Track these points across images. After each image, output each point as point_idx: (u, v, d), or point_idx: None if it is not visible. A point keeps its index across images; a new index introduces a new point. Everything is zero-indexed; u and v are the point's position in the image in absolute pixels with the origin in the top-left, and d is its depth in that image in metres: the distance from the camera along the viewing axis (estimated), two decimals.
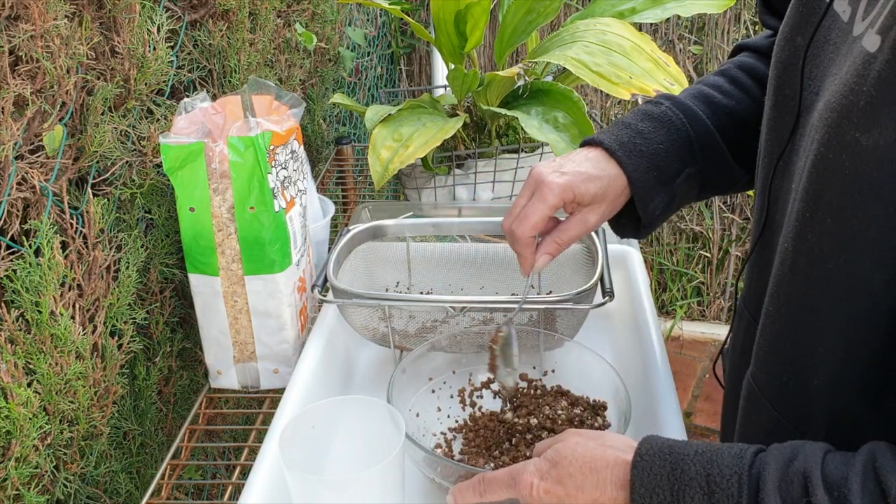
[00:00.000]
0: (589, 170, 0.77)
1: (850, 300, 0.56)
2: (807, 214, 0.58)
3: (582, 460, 0.63)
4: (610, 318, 1.07)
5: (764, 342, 0.66)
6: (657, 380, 0.88)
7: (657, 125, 0.79)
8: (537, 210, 0.76)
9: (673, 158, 0.78)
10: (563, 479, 0.63)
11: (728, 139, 0.81)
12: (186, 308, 1.09)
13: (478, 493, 0.69)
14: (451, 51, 1.35)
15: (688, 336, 2.65)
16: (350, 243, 1.05)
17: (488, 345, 0.84)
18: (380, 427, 0.77)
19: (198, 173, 0.91)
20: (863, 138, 0.52)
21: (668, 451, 0.59)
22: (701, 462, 0.57)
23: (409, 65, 2.66)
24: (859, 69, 0.54)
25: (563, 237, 0.79)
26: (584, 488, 0.62)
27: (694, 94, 0.82)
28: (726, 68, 0.86)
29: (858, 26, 0.57)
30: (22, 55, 0.80)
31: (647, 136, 0.78)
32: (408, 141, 1.23)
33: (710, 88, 0.83)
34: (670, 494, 0.57)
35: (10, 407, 0.76)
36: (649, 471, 0.59)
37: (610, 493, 0.61)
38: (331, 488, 0.72)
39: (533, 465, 0.65)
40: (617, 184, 0.77)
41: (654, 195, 0.79)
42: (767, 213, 0.70)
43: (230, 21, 1.18)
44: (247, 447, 0.97)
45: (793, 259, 0.61)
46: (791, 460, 0.55)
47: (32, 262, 0.79)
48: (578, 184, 0.76)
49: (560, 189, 0.76)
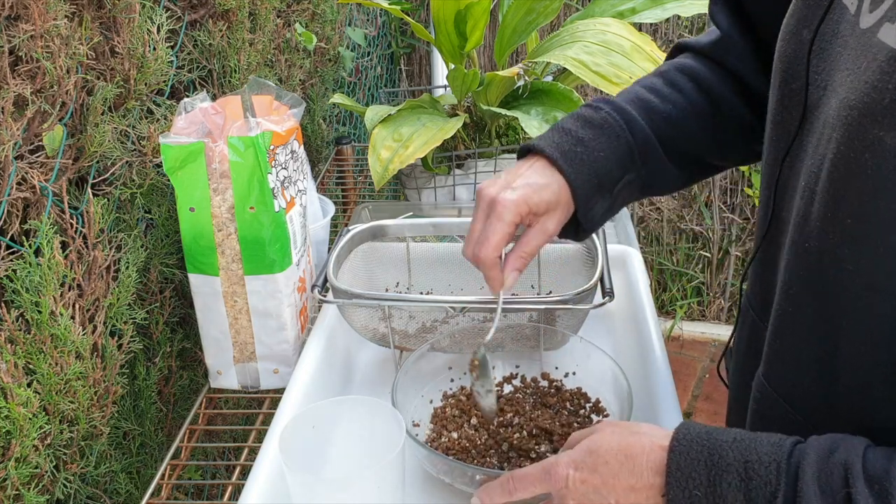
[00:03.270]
0: (538, 180, 0.77)
1: (871, 299, 0.55)
2: (827, 214, 0.58)
3: (617, 447, 0.62)
4: (610, 319, 1.07)
5: (777, 343, 0.65)
6: (657, 380, 0.88)
7: (598, 132, 0.79)
8: (496, 230, 0.76)
9: (613, 166, 0.79)
10: (598, 467, 0.62)
11: (665, 144, 0.81)
12: (186, 308, 1.09)
13: (507, 492, 0.68)
14: (451, 51, 1.35)
15: (688, 336, 2.65)
16: (350, 243, 1.05)
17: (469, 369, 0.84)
18: (380, 427, 0.77)
19: (198, 173, 0.91)
20: (887, 137, 0.51)
21: (706, 436, 0.59)
22: (739, 449, 0.57)
23: (409, 65, 2.66)
24: (883, 66, 0.52)
25: (526, 249, 0.79)
26: (620, 475, 0.61)
27: (632, 99, 0.82)
28: (665, 69, 0.85)
29: (866, 18, 0.56)
30: (22, 55, 0.80)
31: (587, 144, 0.78)
32: (408, 141, 1.23)
33: (648, 92, 0.83)
34: (707, 479, 0.57)
35: (10, 407, 0.76)
36: (686, 455, 0.58)
37: (647, 478, 0.60)
38: (331, 488, 0.72)
39: (567, 457, 0.65)
40: (565, 190, 0.78)
41: (595, 202, 0.80)
42: (774, 209, 0.70)
43: (230, 21, 1.18)
44: (247, 447, 0.97)
45: (806, 258, 0.60)
46: (831, 452, 0.54)
47: (32, 262, 0.79)
48: (531, 195, 0.76)
49: (515, 205, 0.76)
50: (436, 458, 0.78)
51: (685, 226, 2.70)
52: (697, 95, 0.82)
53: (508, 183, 0.78)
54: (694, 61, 0.85)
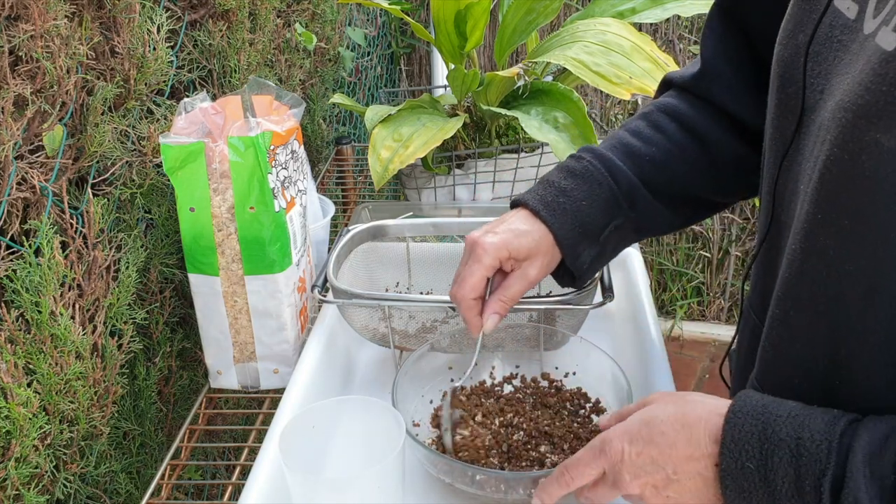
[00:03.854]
0: (519, 226, 0.80)
1: (872, 301, 0.55)
2: (819, 216, 0.57)
3: (673, 417, 0.62)
4: (610, 318, 1.07)
5: (770, 345, 0.65)
6: (657, 380, 0.88)
7: (579, 181, 0.81)
8: (474, 272, 0.79)
9: (597, 213, 0.81)
10: (654, 437, 0.62)
11: (651, 187, 0.82)
12: (186, 308, 1.09)
13: (565, 485, 0.67)
14: (451, 51, 1.35)
15: (688, 336, 2.65)
16: (350, 243, 1.05)
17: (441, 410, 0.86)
18: (380, 427, 0.77)
19: (198, 173, 0.91)
20: (884, 139, 0.51)
21: (762, 409, 0.58)
22: (793, 425, 0.56)
23: (409, 65, 2.66)
24: (876, 68, 0.53)
25: (506, 294, 0.81)
26: (677, 444, 0.60)
27: (614, 145, 0.84)
28: (648, 111, 0.86)
29: (869, 24, 0.56)
30: (22, 55, 0.80)
31: (569, 194, 0.81)
32: (408, 141, 1.23)
33: (631, 136, 0.84)
34: (759, 453, 0.56)
35: (10, 407, 0.76)
36: (741, 428, 0.58)
37: (705, 447, 0.59)
38: (331, 488, 0.72)
39: (620, 429, 0.64)
40: (547, 239, 0.80)
41: (582, 249, 0.82)
42: (773, 213, 0.70)
43: (230, 21, 1.18)
44: (247, 447, 0.97)
45: (802, 262, 0.60)
46: (888, 435, 0.54)
47: (32, 262, 0.79)
48: (511, 240, 0.79)
49: (493, 248, 0.79)
50: (436, 458, 0.78)
51: None
52: (682, 135, 0.83)
53: (492, 228, 0.81)
54: (678, 100, 0.85)
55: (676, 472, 0.60)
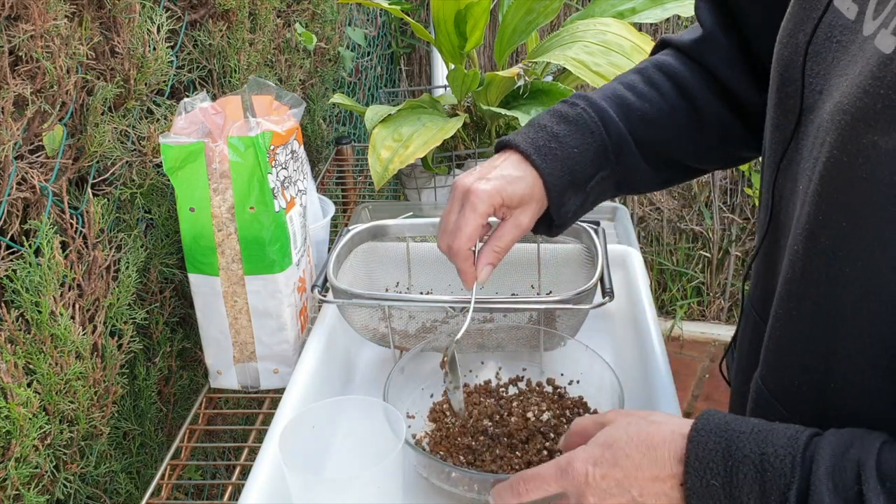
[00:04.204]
0: (512, 172, 0.77)
1: (868, 303, 0.55)
2: (819, 217, 0.58)
3: (637, 439, 0.62)
4: (610, 318, 1.07)
5: (773, 345, 0.65)
6: (657, 380, 0.88)
7: (572, 129, 0.79)
8: (469, 221, 0.76)
9: (587, 162, 0.79)
10: (619, 460, 0.61)
11: (640, 143, 0.81)
12: (186, 308, 1.09)
13: (517, 494, 0.67)
14: (451, 51, 1.35)
15: (688, 336, 2.65)
16: (350, 243, 1.05)
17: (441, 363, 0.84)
18: (380, 427, 0.77)
19: (198, 173, 0.91)
20: (881, 141, 0.52)
21: (725, 426, 0.59)
22: (756, 441, 0.57)
23: (409, 65, 2.66)
24: (874, 71, 0.53)
25: (500, 244, 0.79)
26: (643, 467, 0.61)
27: (609, 96, 0.82)
28: (644, 67, 0.85)
29: (869, 25, 0.56)
30: (22, 55, 0.80)
31: (562, 140, 0.78)
32: (408, 141, 1.23)
33: (625, 89, 0.82)
34: (724, 470, 0.57)
35: (10, 407, 0.76)
36: (705, 446, 0.58)
37: (670, 468, 0.60)
38: (331, 488, 0.72)
39: (584, 452, 0.63)
40: (538, 185, 0.78)
41: (568, 198, 0.80)
42: (772, 212, 0.70)
43: (230, 21, 1.18)
44: (247, 447, 0.97)
45: (804, 262, 0.60)
46: (848, 447, 0.54)
47: (32, 262, 0.79)
48: (505, 187, 0.77)
49: (488, 196, 0.76)
50: (433, 465, 0.77)
51: (685, 226, 2.70)
52: (676, 97, 0.82)
53: (483, 174, 0.78)
54: (675, 60, 0.84)
55: (642, 494, 0.61)
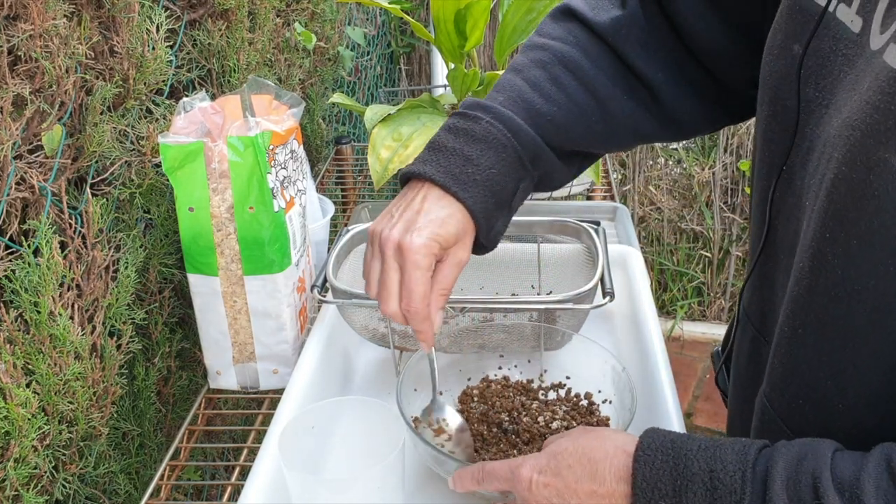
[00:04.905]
0: (438, 213, 0.72)
1: (880, 322, 0.55)
2: (827, 235, 0.57)
3: (581, 452, 0.63)
4: (610, 319, 1.07)
5: (779, 363, 0.64)
6: (658, 380, 0.88)
7: (483, 147, 0.74)
8: (418, 280, 0.71)
9: (507, 179, 0.75)
10: (561, 470, 0.63)
11: (552, 146, 0.78)
12: (185, 308, 1.09)
13: (475, 481, 0.70)
14: (451, 50, 1.34)
15: (688, 336, 2.65)
16: (350, 243, 1.05)
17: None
18: (380, 427, 0.77)
19: (197, 173, 0.90)
20: (893, 158, 0.51)
21: (671, 444, 0.59)
22: (704, 458, 0.57)
23: (409, 64, 2.66)
24: (884, 87, 0.52)
25: (445, 286, 0.75)
26: (582, 480, 0.62)
27: (514, 100, 0.77)
28: (548, 60, 0.79)
29: (876, 39, 0.55)
30: (21, 55, 0.79)
31: (476, 163, 0.74)
32: (407, 141, 1.23)
33: (530, 90, 0.78)
34: (672, 489, 0.57)
35: (9, 407, 0.76)
36: (651, 465, 0.58)
37: (609, 485, 0.61)
38: (331, 488, 0.72)
39: (532, 459, 0.65)
40: (466, 218, 0.74)
41: (496, 219, 0.76)
42: (769, 227, 0.69)
43: (229, 20, 1.18)
44: (246, 448, 0.97)
45: (810, 280, 0.59)
46: (800, 460, 0.54)
47: (31, 262, 0.79)
48: (438, 232, 0.72)
49: (426, 248, 0.71)
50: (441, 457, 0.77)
51: (686, 226, 2.70)
52: (582, 95, 0.78)
53: (410, 223, 0.72)
54: (577, 50, 0.79)
55: None
